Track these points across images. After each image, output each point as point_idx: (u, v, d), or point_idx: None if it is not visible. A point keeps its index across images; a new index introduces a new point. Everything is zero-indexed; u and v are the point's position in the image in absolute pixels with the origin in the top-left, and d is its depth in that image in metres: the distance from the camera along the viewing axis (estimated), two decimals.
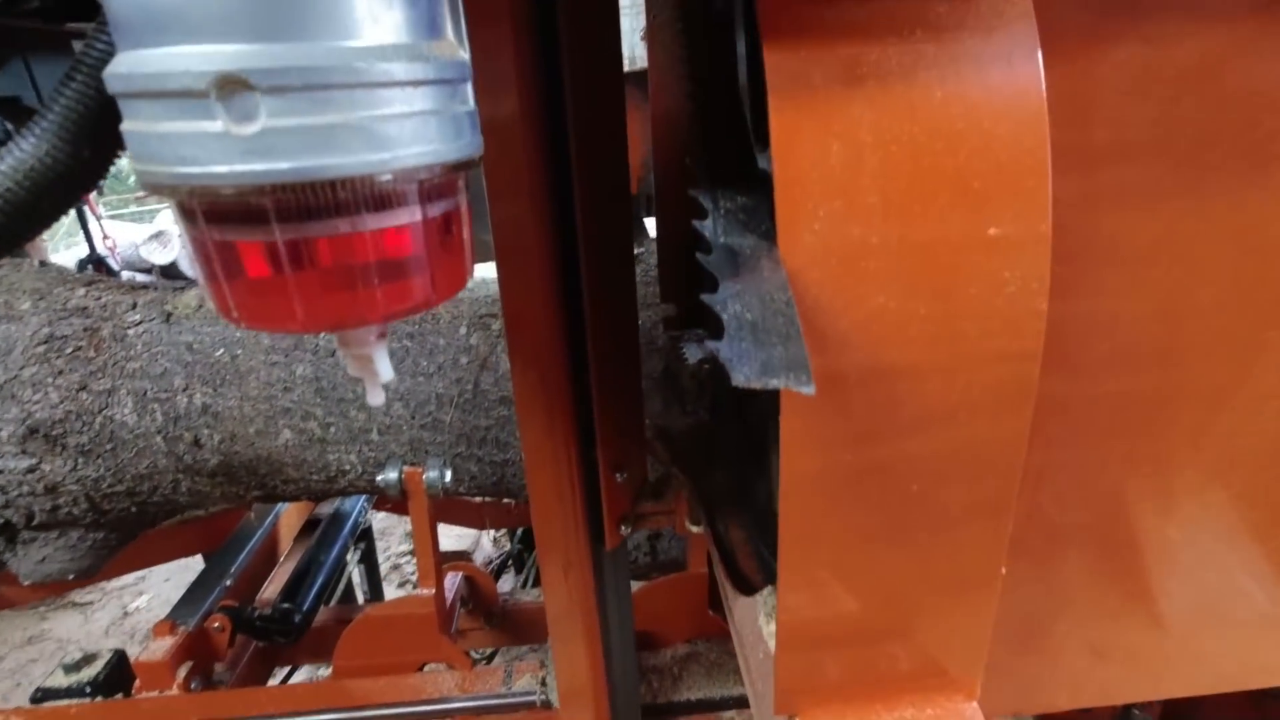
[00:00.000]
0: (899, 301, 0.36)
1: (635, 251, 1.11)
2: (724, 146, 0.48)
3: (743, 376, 0.28)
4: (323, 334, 1.29)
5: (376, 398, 0.39)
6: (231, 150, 0.27)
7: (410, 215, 0.32)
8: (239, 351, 1.29)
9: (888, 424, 0.39)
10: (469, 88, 0.34)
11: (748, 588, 0.68)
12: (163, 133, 0.27)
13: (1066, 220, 0.40)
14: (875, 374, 0.38)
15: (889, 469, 0.40)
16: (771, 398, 0.59)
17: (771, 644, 0.53)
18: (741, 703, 1.27)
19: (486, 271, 1.33)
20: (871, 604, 0.45)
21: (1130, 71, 0.43)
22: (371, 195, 0.30)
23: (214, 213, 0.29)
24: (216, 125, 0.26)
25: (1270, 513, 0.58)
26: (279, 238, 0.29)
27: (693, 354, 1.12)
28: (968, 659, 0.46)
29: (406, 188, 0.31)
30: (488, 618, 1.68)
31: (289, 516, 1.77)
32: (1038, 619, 0.60)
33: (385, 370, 0.38)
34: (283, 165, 0.27)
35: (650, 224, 1.34)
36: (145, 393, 1.23)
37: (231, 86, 0.26)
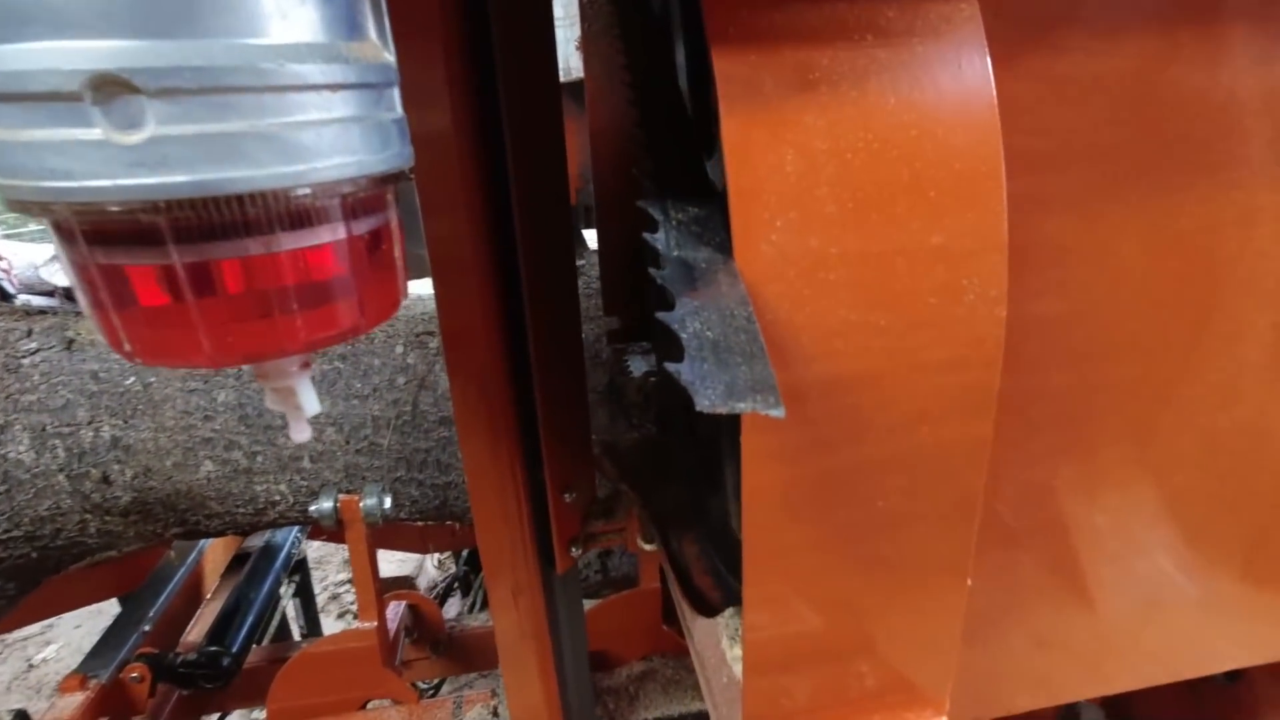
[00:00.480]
0: (859, 313, 0.35)
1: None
2: (669, 154, 0.46)
3: (708, 401, 0.26)
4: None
5: (301, 433, 0.36)
6: (114, 161, 0.23)
7: (333, 233, 0.29)
8: (152, 379, 1.20)
9: (851, 437, 0.38)
10: (395, 93, 0.31)
11: (706, 608, 0.66)
12: (28, 141, 0.23)
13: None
14: (837, 387, 0.36)
15: (853, 483, 0.39)
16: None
17: (736, 668, 0.51)
18: (701, 719, 1.25)
19: (422, 287, 1.28)
20: (839, 622, 0.43)
21: (1070, 81, 0.43)
22: (287, 211, 0.27)
23: (97, 233, 0.25)
24: (94, 133, 0.23)
25: (1203, 507, 0.60)
26: (177, 260, 0.26)
27: (638, 367, 1.10)
28: (936, 673, 0.45)
29: (327, 203, 0.28)
30: (434, 646, 1.61)
31: (214, 552, 1.66)
32: (992, 621, 0.60)
33: (310, 403, 0.35)
34: (178, 178, 0.23)
35: (589, 236, 1.32)
36: (44, 428, 1.13)
37: (110, 88, 0.22)
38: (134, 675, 1.26)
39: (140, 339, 0.28)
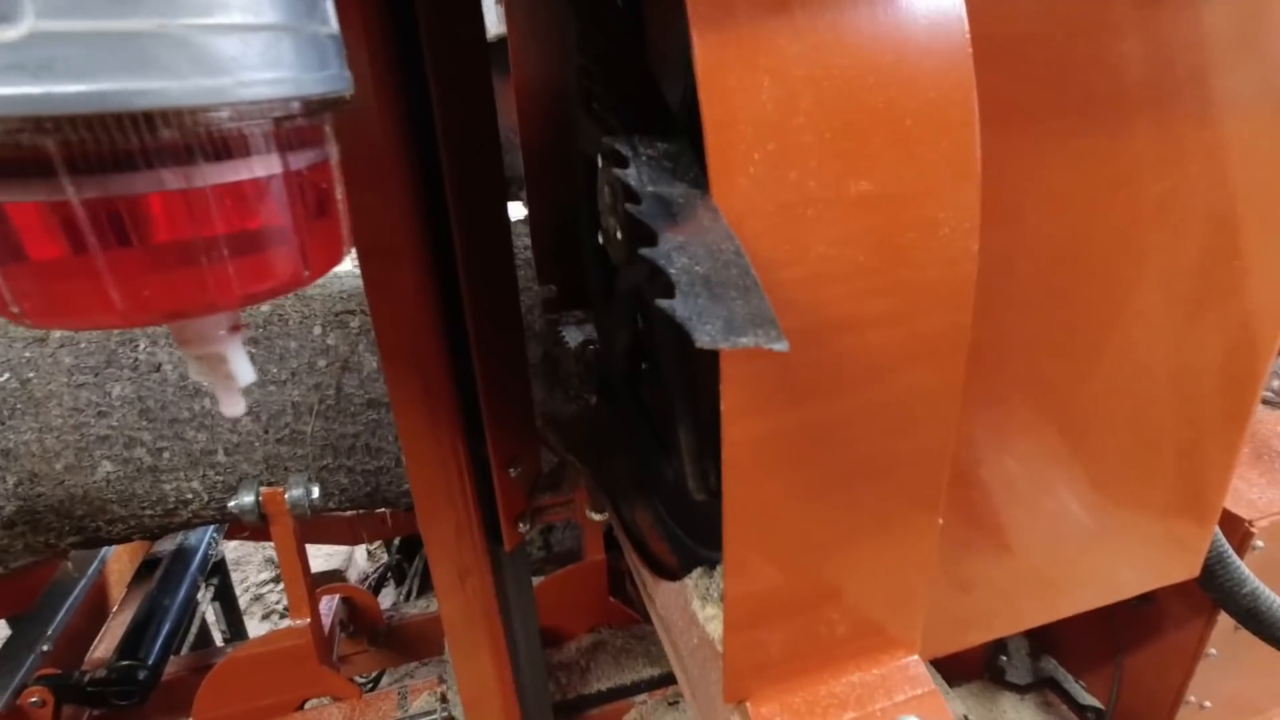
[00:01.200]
0: (840, 249, 0.34)
1: None
2: (629, 88, 0.43)
3: (707, 337, 0.24)
4: (142, 345, 1.10)
5: (234, 406, 0.31)
6: None
7: (267, 166, 0.25)
8: (31, 375, 1.08)
9: (832, 382, 0.37)
10: (329, 5, 0.27)
11: (666, 571, 0.65)
12: None
13: None
14: (819, 329, 0.35)
15: (833, 431, 0.38)
16: (683, 369, 0.56)
17: (709, 628, 0.50)
18: (652, 684, 1.26)
19: (340, 264, 1.20)
20: (818, 571, 0.43)
21: (986, 42, 0.43)
22: (210, 136, 0.23)
23: None
24: None
25: (1109, 447, 0.63)
26: (73, 196, 0.21)
27: (574, 337, 1.07)
28: (908, 613, 0.46)
29: (260, 128, 0.24)
30: (372, 638, 1.55)
31: (118, 561, 1.53)
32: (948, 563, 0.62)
33: (244, 371, 0.30)
34: (70, 88, 0.19)
35: (513, 207, 1.27)
36: None
37: None
38: (34, 700, 1.14)
39: (32, 296, 0.23)
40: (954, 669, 1.29)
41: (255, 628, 2.50)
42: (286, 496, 1.09)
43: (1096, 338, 0.56)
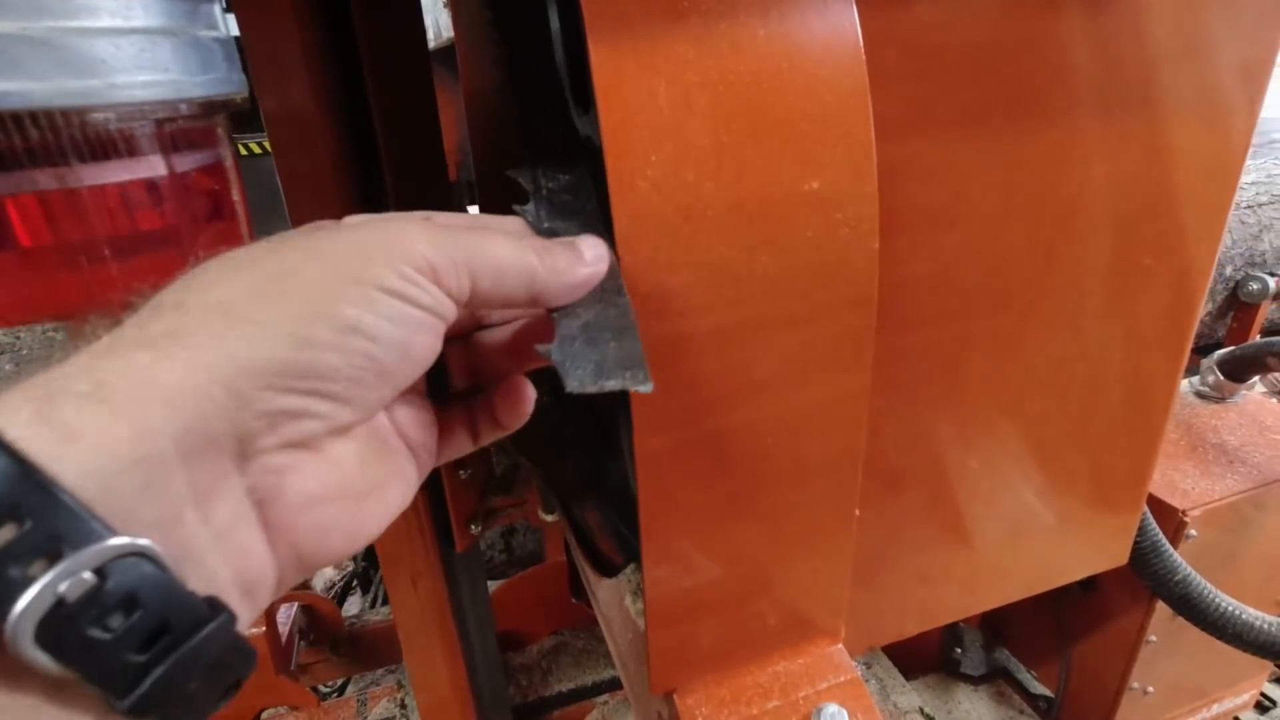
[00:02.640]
0: (740, 251, 0.35)
1: None
2: (542, 118, 0.44)
3: (576, 382, 0.25)
4: None
5: None
6: None
7: (150, 167, 0.25)
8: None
9: (740, 385, 0.37)
10: (216, 10, 0.27)
11: (610, 569, 0.65)
12: None
13: None
14: (723, 334, 0.36)
15: (743, 432, 0.39)
16: None
17: (640, 622, 0.51)
18: (613, 685, 1.26)
19: None
20: (736, 567, 0.44)
21: (919, 52, 0.44)
22: (85, 138, 0.23)
23: None
24: None
25: (1055, 438, 0.65)
26: None
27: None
28: (830, 605, 0.47)
29: (139, 130, 0.24)
30: (333, 646, 1.53)
31: None
32: (880, 561, 0.63)
33: None
34: None
35: (473, 212, 1.27)
36: None
37: None
38: None
39: None
40: (910, 662, 1.32)
41: None
42: None
43: (1022, 330, 0.58)
